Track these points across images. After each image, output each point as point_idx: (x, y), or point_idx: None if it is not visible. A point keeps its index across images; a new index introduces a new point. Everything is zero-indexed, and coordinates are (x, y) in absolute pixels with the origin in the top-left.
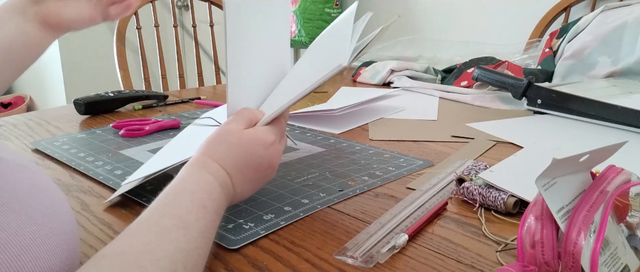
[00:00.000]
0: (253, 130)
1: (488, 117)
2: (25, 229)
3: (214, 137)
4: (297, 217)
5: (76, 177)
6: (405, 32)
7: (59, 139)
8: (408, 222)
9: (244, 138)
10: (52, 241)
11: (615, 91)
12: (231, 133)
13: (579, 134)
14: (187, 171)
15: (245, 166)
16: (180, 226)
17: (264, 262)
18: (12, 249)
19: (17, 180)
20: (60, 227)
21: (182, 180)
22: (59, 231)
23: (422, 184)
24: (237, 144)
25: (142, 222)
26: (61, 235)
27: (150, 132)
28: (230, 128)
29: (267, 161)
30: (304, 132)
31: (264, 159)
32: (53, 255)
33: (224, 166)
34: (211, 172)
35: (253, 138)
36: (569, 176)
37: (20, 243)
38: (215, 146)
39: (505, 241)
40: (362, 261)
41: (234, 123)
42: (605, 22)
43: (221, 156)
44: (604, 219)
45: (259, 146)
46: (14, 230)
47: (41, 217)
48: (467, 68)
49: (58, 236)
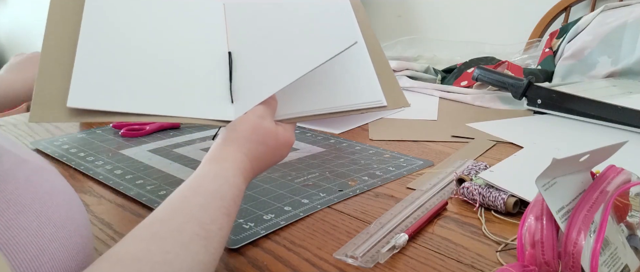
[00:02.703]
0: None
1: (488, 117)
2: (45, 231)
3: (252, 134)
4: (297, 217)
5: (76, 177)
6: (405, 32)
7: (59, 139)
8: (408, 222)
9: (280, 141)
10: (69, 242)
11: (615, 91)
12: (269, 134)
13: (579, 134)
14: (223, 166)
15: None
16: (203, 236)
17: (264, 262)
18: (31, 250)
19: (39, 181)
20: (77, 230)
21: (216, 177)
22: (76, 234)
23: (422, 184)
24: (274, 147)
25: (165, 223)
26: (78, 237)
27: (151, 132)
28: (267, 126)
29: (282, 158)
30: (304, 132)
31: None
32: (69, 257)
33: (258, 169)
34: (245, 177)
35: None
36: (569, 176)
37: (39, 244)
38: (256, 146)
39: (505, 241)
40: (362, 261)
41: (268, 120)
42: (605, 22)
43: (258, 157)
44: (604, 219)
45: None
46: (34, 231)
47: (60, 219)
48: (467, 68)
49: (75, 238)
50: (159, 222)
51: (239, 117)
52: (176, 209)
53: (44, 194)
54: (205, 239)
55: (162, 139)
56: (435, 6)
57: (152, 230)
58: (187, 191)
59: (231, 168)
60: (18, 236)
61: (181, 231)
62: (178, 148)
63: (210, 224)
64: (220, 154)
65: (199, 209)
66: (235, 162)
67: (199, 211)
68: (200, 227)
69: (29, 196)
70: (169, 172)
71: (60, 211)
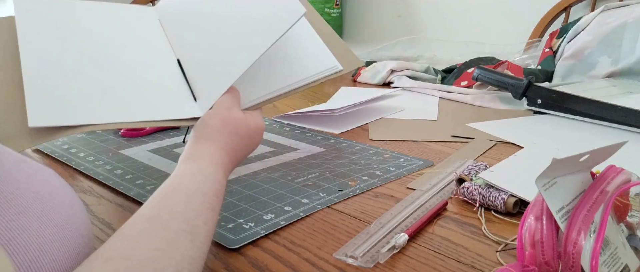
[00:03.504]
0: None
1: (488, 117)
2: (45, 231)
3: (224, 127)
4: (297, 217)
5: (76, 177)
6: (405, 32)
7: (59, 139)
8: (408, 222)
9: (252, 128)
10: (70, 243)
11: (615, 91)
12: (240, 124)
13: (579, 134)
14: (201, 164)
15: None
16: (188, 231)
17: (264, 262)
18: (32, 251)
19: (40, 182)
20: (77, 231)
21: (195, 174)
22: (77, 234)
23: (422, 184)
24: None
25: (150, 220)
26: (78, 238)
27: (151, 132)
28: (236, 117)
29: (256, 145)
30: (304, 132)
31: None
32: (70, 258)
33: (236, 160)
34: (224, 171)
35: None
36: (569, 176)
37: (40, 244)
38: (229, 138)
39: (505, 241)
40: (362, 261)
41: (235, 109)
42: (605, 22)
43: (234, 149)
44: (604, 219)
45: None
46: (35, 231)
47: (61, 219)
48: (467, 68)
49: (76, 239)
50: (145, 221)
51: (207, 112)
52: (160, 207)
53: (45, 195)
54: (191, 234)
55: (162, 139)
56: (435, 6)
57: (138, 228)
58: (167, 190)
59: (209, 164)
60: (19, 237)
61: (167, 227)
62: (178, 148)
63: (194, 219)
64: (196, 151)
65: (183, 206)
66: (212, 157)
67: (182, 207)
68: (186, 223)
69: (29, 196)
70: (169, 172)
71: (61, 211)
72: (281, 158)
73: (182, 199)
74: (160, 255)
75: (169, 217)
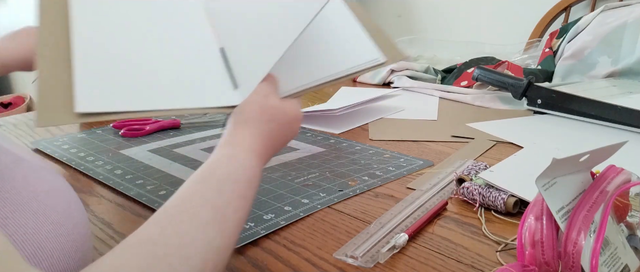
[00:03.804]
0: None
1: (488, 117)
2: (42, 229)
3: (261, 114)
4: (297, 217)
5: (76, 177)
6: (405, 32)
7: (59, 139)
8: (408, 222)
9: (290, 116)
10: (67, 240)
11: (615, 91)
12: (277, 111)
13: (579, 134)
14: (236, 150)
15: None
16: (218, 220)
17: (264, 262)
18: (28, 247)
19: (37, 180)
20: (75, 228)
21: (230, 161)
22: (74, 232)
23: (422, 184)
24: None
25: (180, 207)
26: (76, 235)
27: (151, 132)
28: (273, 104)
29: (295, 134)
30: (304, 132)
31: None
32: (67, 255)
33: (273, 148)
34: (260, 158)
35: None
36: (569, 176)
37: (36, 242)
38: (266, 125)
39: (505, 241)
40: (362, 260)
41: (273, 96)
42: (605, 22)
43: (271, 136)
44: (604, 219)
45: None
46: (31, 229)
47: (57, 217)
48: (467, 68)
49: (73, 236)
50: (175, 207)
51: (244, 100)
52: (192, 193)
53: (42, 193)
54: (220, 223)
55: (162, 139)
56: (435, 6)
57: (169, 214)
58: (201, 176)
59: (243, 150)
60: (15, 234)
61: (197, 215)
62: (178, 148)
63: (225, 207)
64: (232, 138)
65: (213, 193)
66: (248, 144)
67: (213, 194)
68: (216, 211)
69: (26, 194)
70: (169, 172)
71: (58, 210)
72: (281, 158)
73: (214, 186)
74: (188, 241)
75: (199, 204)
